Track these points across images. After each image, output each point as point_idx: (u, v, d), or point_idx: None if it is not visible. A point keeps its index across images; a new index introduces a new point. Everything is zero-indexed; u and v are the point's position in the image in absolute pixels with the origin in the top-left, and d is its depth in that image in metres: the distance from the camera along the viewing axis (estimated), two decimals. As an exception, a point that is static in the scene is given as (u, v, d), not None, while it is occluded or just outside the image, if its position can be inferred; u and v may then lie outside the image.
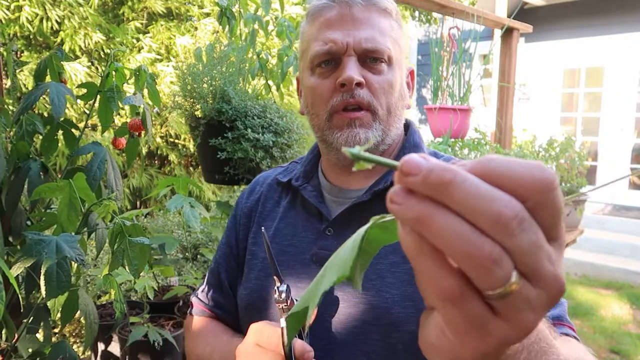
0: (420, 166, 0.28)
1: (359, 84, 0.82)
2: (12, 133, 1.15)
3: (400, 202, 0.28)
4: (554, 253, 0.29)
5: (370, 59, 0.83)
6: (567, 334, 0.72)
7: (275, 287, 0.76)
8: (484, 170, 0.28)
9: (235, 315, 0.97)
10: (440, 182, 0.27)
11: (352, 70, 0.81)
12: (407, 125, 0.97)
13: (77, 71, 3.18)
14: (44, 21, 3.27)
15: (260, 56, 1.99)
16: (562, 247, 0.31)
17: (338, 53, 0.83)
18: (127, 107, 1.23)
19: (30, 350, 1.10)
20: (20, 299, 0.94)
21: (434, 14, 4.91)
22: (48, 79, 1.18)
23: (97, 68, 3.46)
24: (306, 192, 0.91)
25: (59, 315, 1.05)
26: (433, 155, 0.92)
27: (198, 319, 1.00)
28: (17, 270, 0.85)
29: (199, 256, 2.56)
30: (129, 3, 3.66)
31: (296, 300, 0.77)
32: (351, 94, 0.82)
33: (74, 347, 2.26)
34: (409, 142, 0.93)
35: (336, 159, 0.88)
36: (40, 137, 1.18)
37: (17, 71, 1.26)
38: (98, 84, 1.18)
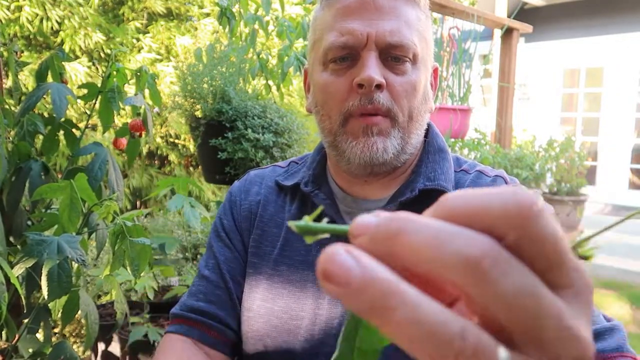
0: (369, 223, 0.21)
1: (378, 86, 0.70)
2: (12, 133, 1.15)
3: (340, 282, 0.19)
4: (569, 307, 0.20)
5: (393, 57, 0.72)
6: None
7: None
8: (443, 210, 0.21)
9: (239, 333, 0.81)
10: (387, 235, 0.20)
11: (373, 70, 0.69)
12: (427, 128, 0.85)
13: (77, 71, 3.18)
14: (44, 21, 3.27)
15: (261, 56, 1.99)
16: (584, 297, 0.21)
17: (356, 46, 0.71)
18: (127, 107, 1.23)
19: (30, 350, 1.10)
20: (23, 299, 0.94)
21: (434, 14, 4.91)
22: (49, 79, 1.18)
23: (97, 68, 3.46)
24: (319, 199, 0.79)
25: (59, 315, 1.06)
26: (455, 161, 0.84)
27: (180, 345, 0.79)
28: (18, 270, 0.85)
29: (198, 256, 2.56)
30: (129, 3, 3.66)
31: None
32: (370, 99, 0.70)
33: (74, 347, 2.26)
34: (432, 146, 0.82)
35: (347, 169, 0.78)
36: (41, 137, 1.18)
37: (18, 71, 1.26)
38: (99, 84, 1.18)
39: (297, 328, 0.74)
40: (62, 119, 1.16)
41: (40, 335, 1.17)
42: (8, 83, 1.40)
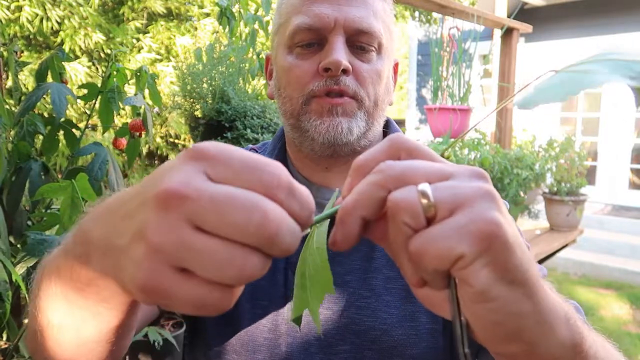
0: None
1: (345, 71, 0.69)
2: (12, 133, 1.16)
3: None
4: (455, 180, 0.35)
5: (359, 46, 0.71)
6: None
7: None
8: (360, 166, 0.38)
9: None
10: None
11: (340, 53, 0.68)
12: (386, 123, 0.84)
13: (77, 71, 3.19)
14: (44, 21, 3.27)
15: (260, 56, 1.99)
16: (465, 172, 0.35)
17: (324, 30, 0.69)
18: (127, 107, 1.23)
19: (31, 350, 1.10)
20: (27, 299, 0.94)
21: (434, 14, 4.91)
22: (49, 79, 1.18)
23: (97, 68, 3.46)
24: None
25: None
26: None
27: None
28: (19, 270, 0.86)
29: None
30: (129, 3, 3.66)
31: None
32: (336, 81, 0.68)
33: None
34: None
35: (310, 150, 0.74)
36: (41, 137, 1.18)
37: (18, 71, 1.26)
38: (99, 84, 1.18)
39: (260, 317, 0.70)
40: (62, 119, 1.16)
41: (40, 335, 1.16)
42: (8, 83, 1.40)
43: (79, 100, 1.23)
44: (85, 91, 1.19)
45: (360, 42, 0.71)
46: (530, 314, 0.33)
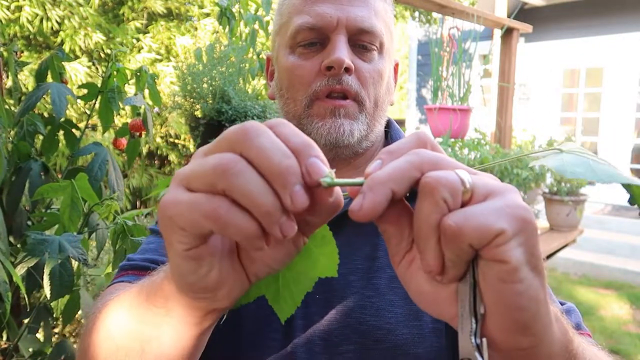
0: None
1: (347, 70, 0.69)
2: (12, 133, 1.15)
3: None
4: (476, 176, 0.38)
5: (360, 45, 0.71)
6: None
7: None
8: (394, 150, 0.38)
9: None
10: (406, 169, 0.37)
11: (342, 52, 0.68)
12: (387, 123, 0.84)
13: (77, 71, 3.18)
14: (44, 21, 3.27)
15: (260, 56, 1.99)
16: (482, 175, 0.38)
17: (326, 29, 0.69)
18: (127, 107, 1.23)
19: (31, 349, 1.10)
20: (27, 299, 0.94)
21: (434, 14, 4.91)
22: (49, 79, 1.18)
23: (97, 68, 3.46)
24: None
25: (60, 314, 1.06)
26: None
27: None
28: (20, 270, 0.85)
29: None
30: (129, 3, 3.66)
31: None
32: (338, 80, 0.69)
33: (75, 347, 2.26)
34: (394, 139, 0.81)
35: None
36: (41, 137, 1.18)
37: (18, 71, 1.26)
38: (99, 84, 1.18)
39: (264, 318, 0.69)
40: (62, 119, 1.16)
41: (40, 335, 1.17)
42: (8, 83, 1.40)
43: (79, 100, 1.23)
44: (85, 91, 1.19)
45: (362, 41, 0.71)
46: (543, 305, 0.35)
